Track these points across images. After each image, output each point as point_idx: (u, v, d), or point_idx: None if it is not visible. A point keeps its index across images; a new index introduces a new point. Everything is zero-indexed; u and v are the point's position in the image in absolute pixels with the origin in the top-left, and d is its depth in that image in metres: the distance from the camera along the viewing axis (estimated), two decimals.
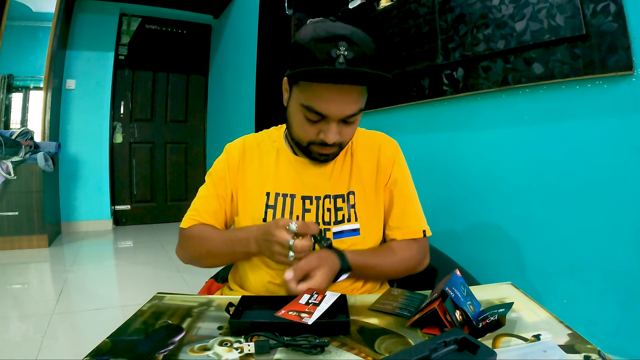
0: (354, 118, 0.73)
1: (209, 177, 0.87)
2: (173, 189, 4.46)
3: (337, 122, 0.72)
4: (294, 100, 0.74)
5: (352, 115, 0.72)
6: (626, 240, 0.97)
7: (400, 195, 0.85)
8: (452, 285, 0.53)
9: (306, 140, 0.76)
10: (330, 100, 0.69)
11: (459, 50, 1.36)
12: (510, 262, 1.26)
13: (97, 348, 0.48)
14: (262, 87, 2.92)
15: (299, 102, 0.72)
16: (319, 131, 0.73)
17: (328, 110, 0.69)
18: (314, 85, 0.69)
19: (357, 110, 0.72)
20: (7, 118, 3.37)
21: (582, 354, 0.44)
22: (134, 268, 2.72)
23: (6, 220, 2.92)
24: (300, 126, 0.75)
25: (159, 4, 4.13)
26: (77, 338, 1.65)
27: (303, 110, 0.72)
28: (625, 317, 0.97)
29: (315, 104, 0.69)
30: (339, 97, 0.69)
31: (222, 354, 0.47)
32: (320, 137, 0.73)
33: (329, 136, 0.72)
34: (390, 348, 0.48)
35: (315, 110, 0.70)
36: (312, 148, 0.77)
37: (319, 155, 0.78)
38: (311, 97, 0.70)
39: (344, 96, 0.69)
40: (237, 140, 0.90)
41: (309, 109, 0.70)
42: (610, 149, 1.00)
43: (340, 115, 0.70)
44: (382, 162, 0.85)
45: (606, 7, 0.96)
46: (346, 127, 0.74)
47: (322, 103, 0.69)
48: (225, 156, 0.87)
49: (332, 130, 0.71)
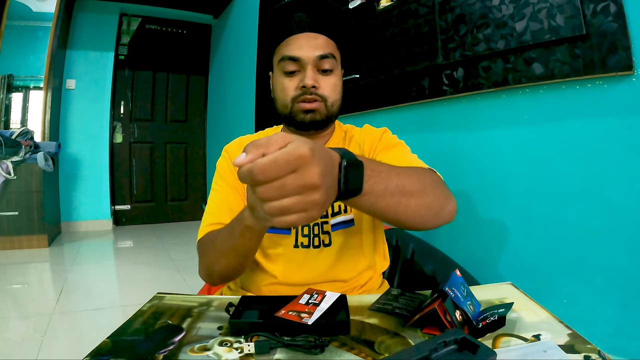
0: (328, 64, 0.79)
1: (217, 178, 0.85)
2: (173, 189, 4.46)
3: (313, 70, 0.78)
4: (276, 70, 0.82)
5: (324, 58, 0.78)
6: (626, 240, 0.97)
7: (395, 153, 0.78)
8: (452, 285, 0.53)
9: (289, 97, 0.79)
10: (300, 44, 0.78)
11: (459, 50, 1.36)
12: (510, 262, 1.26)
13: (97, 348, 0.48)
14: (262, 87, 2.92)
15: (277, 62, 0.80)
16: (298, 82, 0.78)
17: (300, 52, 0.77)
18: (286, 41, 0.79)
19: (327, 52, 0.78)
20: (7, 118, 3.37)
21: (582, 354, 0.44)
22: (134, 268, 2.72)
23: (6, 220, 2.92)
24: (282, 87, 0.80)
25: (159, 4, 4.13)
26: (77, 338, 1.65)
27: (281, 66, 0.79)
28: (625, 317, 0.97)
29: (288, 51, 0.78)
30: (307, 40, 0.79)
31: (222, 354, 0.47)
32: (300, 85, 0.78)
33: (306, 80, 0.77)
34: (390, 348, 0.48)
35: (289, 56, 0.78)
36: (295, 108, 0.79)
37: (303, 113, 0.79)
38: (285, 49, 0.79)
39: (312, 40, 0.79)
40: (234, 142, 0.90)
41: (285, 58, 0.78)
42: (610, 149, 1.00)
43: (311, 55, 0.77)
44: (367, 145, 0.85)
45: (606, 7, 0.96)
46: (323, 77, 0.79)
47: (294, 48, 0.78)
48: (227, 155, 0.87)
49: (309, 75, 0.77)
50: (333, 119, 0.84)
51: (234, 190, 0.81)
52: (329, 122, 0.82)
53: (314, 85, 0.77)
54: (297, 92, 0.78)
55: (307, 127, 0.80)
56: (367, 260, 0.82)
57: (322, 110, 0.79)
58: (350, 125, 0.92)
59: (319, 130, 0.83)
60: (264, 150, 0.38)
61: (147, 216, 4.34)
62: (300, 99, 0.78)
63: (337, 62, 0.82)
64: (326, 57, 0.78)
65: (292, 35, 0.79)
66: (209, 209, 0.81)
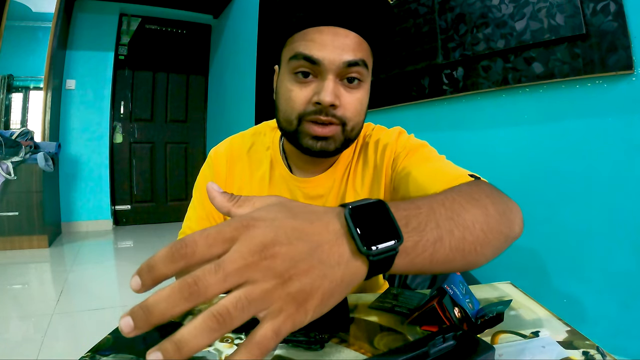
0: (356, 74, 0.59)
1: (196, 193, 0.73)
2: (173, 189, 4.46)
3: (335, 80, 0.58)
4: (284, 68, 0.62)
5: (352, 65, 0.58)
6: (626, 240, 0.97)
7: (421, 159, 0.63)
8: (451, 283, 0.53)
9: (295, 113, 0.60)
10: (324, 42, 0.57)
11: (459, 49, 1.36)
12: (510, 262, 1.26)
13: (99, 344, 0.48)
14: (262, 87, 2.92)
15: (288, 59, 0.60)
16: (312, 95, 0.59)
17: (322, 52, 0.57)
18: (304, 32, 0.58)
19: (358, 57, 0.58)
20: (7, 118, 3.37)
21: (581, 350, 0.44)
22: (134, 268, 2.67)
23: (6, 221, 2.92)
24: (288, 96, 0.60)
25: (159, 4, 4.13)
26: (77, 338, 1.65)
27: (292, 66, 0.59)
28: (625, 317, 0.97)
29: (305, 48, 0.57)
30: (333, 37, 0.57)
31: (223, 349, 0.47)
32: (314, 100, 0.58)
33: (323, 95, 0.56)
34: (389, 345, 0.48)
35: (306, 55, 0.57)
36: (303, 128, 0.60)
37: (312, 139, 0.60)
38: (301, 44, 0.58)
39: (340, 38, 0.57)
40: (222, 146, 0.76)
41: (298, 56, 0.58)
42: (610, 149, 1.00)
43: (337, 59, 0.57)
44: (386, 160, 0.68)
45: (606, 6, 0.97)
46: (347, 92, 0.59)
47: (314, 45, 0.57)
48: (209, 171, 0.74)
49: (328, 87, 0.57)
50: (350, 144, 0.65)
51: (212, 221, 0.70)
52: (344, 148, 0.65)
53: (334, 103, 0.57)
54: (308, 108, 0.59)
55: (315, 155, 0.63)
56: None
57: (337, 138, 0.61)
58: (365, 125, 0.73)
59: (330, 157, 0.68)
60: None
61: (147, 216, 4.34)
62: (310, 118, 0.59)
63: (368, 72, 0.62)
64: (356, 65, 0.58)
65: (313, 26, 0.58)
66: (188, 223, 0.72)
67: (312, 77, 0.59)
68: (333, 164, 0.71)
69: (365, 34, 0.60)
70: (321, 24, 0.58)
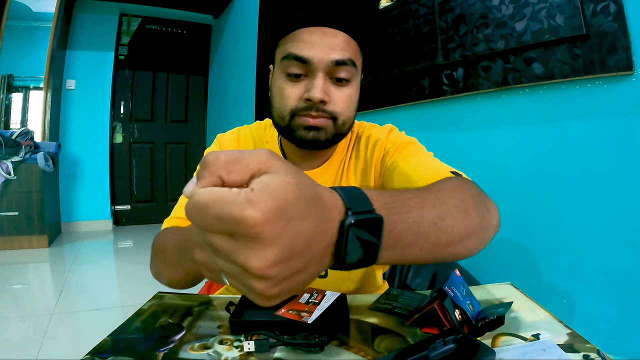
0: (344, 73, 0.63)
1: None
2: (173, 189, 4.46)
3: (324, 78, 0.62)
4: (277, 68, 0.67)
5: (341, 64, 0.62)
6: (626, 240, 0.97)
7: (409, 154, 0.67)
8: (452, 285, 0.53)
9: (287, 109, 0.64)
10: (312, 42, 0.61)
11: (459, 50, 1.36)
12: (510, 262, 1.26)
13: (98, 346, 0.48)
14: (262, 87, 2.92)
15: (280, 59, 0.65)
16: (303, 92, 0.63)
17: (311, 51, 0.61)
18: (295, 33, 0.63)
19: (345, 56, 0.62)
20: (7, 118, 3.37)
21: (582, 353, 0.44)
22: (134, 268, 2.71)
23: (6, 220, 2.92)
24: (281, 93, 0.65)
25: (159, 4, 4.13)
26: (77, 338, 1.65)
27: (284, 66, 0.64)
28: (625, 317, 0.97)
29: (295, 48, 0.62)
30: (322, 37, 0.61)
31: (222, 352, 0.47)
32: (305, 97, 0.62)
33: (313, 92, 0.61)
34: (389, 347, 0.48)
35: (296, 55, 0.61)
36: (295, 122, 0.64)
37: (304, 129, 0.64)
38: (292, 45, 0.63)
39: (328, 38, 0.61)
40: (230, 132, 0.80)
41: (289, 57, 0.62)
42: (610, 149, 1.00)
43: (325, 58, 0.61)
44: (376, 154, 0.72)
45: (606, 7, 0.96)
46: (336, 88, 0.64)
47: (303, 45, 0.61)
48: (218, 145, 0.78)
49: (318, 85, 0.61)
50: (341, 138, 0.69)
51: None
52: (336, 141, 0.68)
53: (323, 99, 0.62)
54: (300, 104, 0.63)
55: (308, 146, 0.67)
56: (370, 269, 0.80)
57: (329, 129, 0.65)
58: (359, 123, 0.79)
59: (323, 149, 0.71)
60: (223, 173, 0.26)
61: (147, 216, 4.34)
62: (302, 114, 0.64)
63: (357, 70, 0.66)
64: (344, 64, 0.62)
65: (303, 27, 0.63)
66: (181, 200, 0.70)
67: (303, 76, 0.64)
68: (328, 159, 0.75)
69: (353, 33, 0.64)
70: (311, 25, 0.62)
